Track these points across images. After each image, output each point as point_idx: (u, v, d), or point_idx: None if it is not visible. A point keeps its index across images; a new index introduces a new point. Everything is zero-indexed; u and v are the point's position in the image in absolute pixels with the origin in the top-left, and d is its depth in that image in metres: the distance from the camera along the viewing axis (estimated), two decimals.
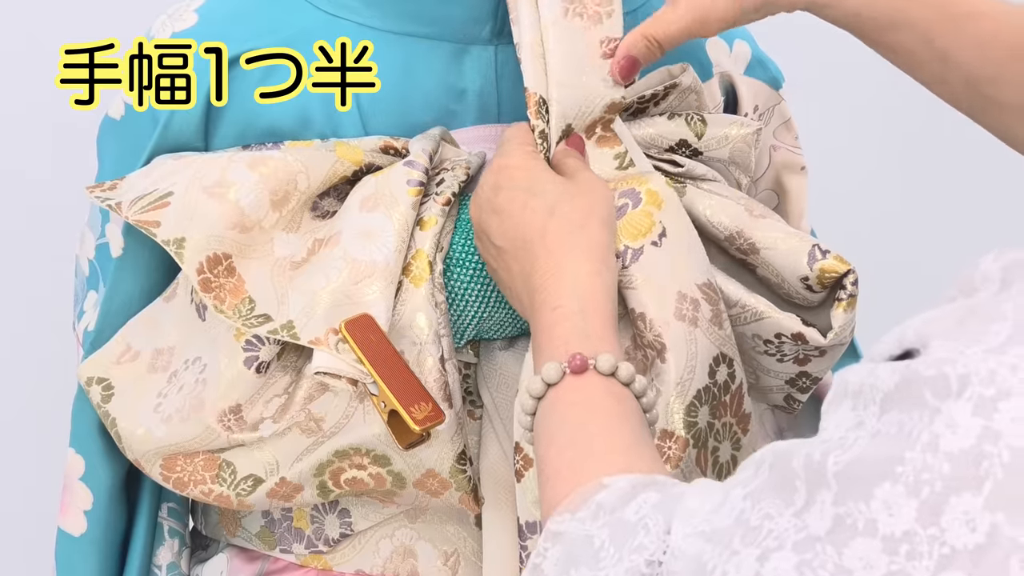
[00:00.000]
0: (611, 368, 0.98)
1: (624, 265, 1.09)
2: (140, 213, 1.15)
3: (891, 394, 0.72)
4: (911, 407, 0.71)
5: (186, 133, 1.18)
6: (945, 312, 0.73)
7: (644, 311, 1.08)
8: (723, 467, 1.11)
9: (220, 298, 1.13)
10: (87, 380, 1.22)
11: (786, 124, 1.31)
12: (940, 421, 0.69)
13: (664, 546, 0.80)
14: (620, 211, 1.11)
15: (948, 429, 0.69)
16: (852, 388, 0.74)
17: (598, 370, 0.98)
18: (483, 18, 1.18)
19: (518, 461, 1.09)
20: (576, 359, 0.98)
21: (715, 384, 1.09)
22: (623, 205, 1.11)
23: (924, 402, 0.70)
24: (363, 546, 1.23)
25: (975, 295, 0.74)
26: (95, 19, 1.93)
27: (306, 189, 1.15)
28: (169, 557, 1.28)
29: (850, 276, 1.14)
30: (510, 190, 1.09)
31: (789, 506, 0.73)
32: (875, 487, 0.70)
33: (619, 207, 1.11)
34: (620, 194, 1.12)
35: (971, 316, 0.72)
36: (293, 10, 1.19)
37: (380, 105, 1.18)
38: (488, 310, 1.16)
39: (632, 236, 1.10)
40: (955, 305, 0.74)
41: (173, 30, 1.19)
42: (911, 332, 0.74)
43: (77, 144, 1.45)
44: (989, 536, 0.67)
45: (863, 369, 0.74)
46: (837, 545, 0.71)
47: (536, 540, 1.04)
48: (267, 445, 1.16)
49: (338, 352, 1.10)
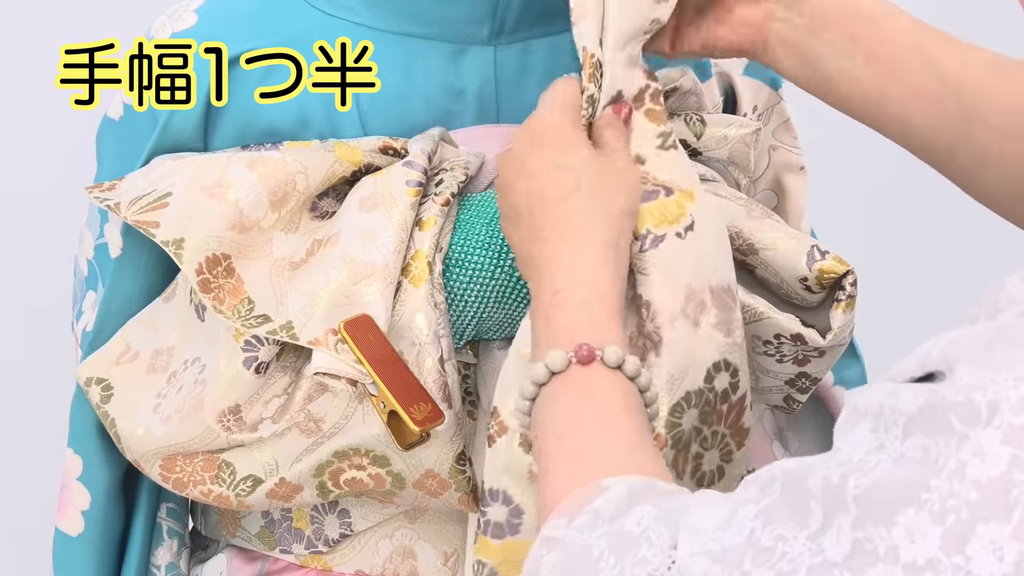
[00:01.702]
0: (618, 361, 0.96)
1: (642, 249, 1.06)
2: (139, 213, 1.15)
3: (915, 418, 0.71)
4: (937, 432, 0.69)
5: (185, 133, 1.18)
6: (970, 334, 0.72)
7: (650, 300, 1.06)
8: (705, 476, 1.09)
9: (219, 299, 1.13)
10: (86, 380, 1.22)
11: (785, 124, 1.31)
12: (968, 448, 0.68)
13: (669, 561, 0.78)
14: (651, 195, 1.08)
15: (976, 457, 0.68)
16: (872, 409, 0.73)
17: (604, 362, 0.96)
18: (482, 18, 1.18)
19: (492, 426, 1.06)
20: (583, 349, 0.96)
21: (711, 390, 1.07)
22: (655, 191, 1.08)
23: (951, 428, 0.69)
24: (363, 546, 1.23)
25: (999, 316, 0.73)
26: (95, 19, 1.93)
27: (305, 189, 1.15)
28: (168, 557, 1.28)
29: (849, 277, 1.14)
30: (540, 151, 1.06)
31: (804, 528, 0.72)
32: (898, 513, 0.69)
33: (651, 191, 1.08)
34: (655, 184, 1.09)
35: (999, 340, 0.71)
36: (293, 10, 1.19)
37: (379, 105, 1.18)
38: (487, 310, 1.16)
39: (657, 222, 1.07)
40: (981, 328, 0.72)
41: (173, 30, 1.19)
42: (936, 353, 0.72)
43: (76, 144, 1.45)
44: (1017, 565, 0.66)
45: (882, 390, 0.73)
46: (855, 571, 0.69)
47: (497, 507, 1.03)
48: (266, 445, 1.16)
49: (337, 353, 1.10)
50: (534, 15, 1.19)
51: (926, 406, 0.70)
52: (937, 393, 0.70)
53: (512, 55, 1.19)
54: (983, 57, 1.06)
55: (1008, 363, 0.69)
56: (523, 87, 1.20)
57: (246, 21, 1.19)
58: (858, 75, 1.08)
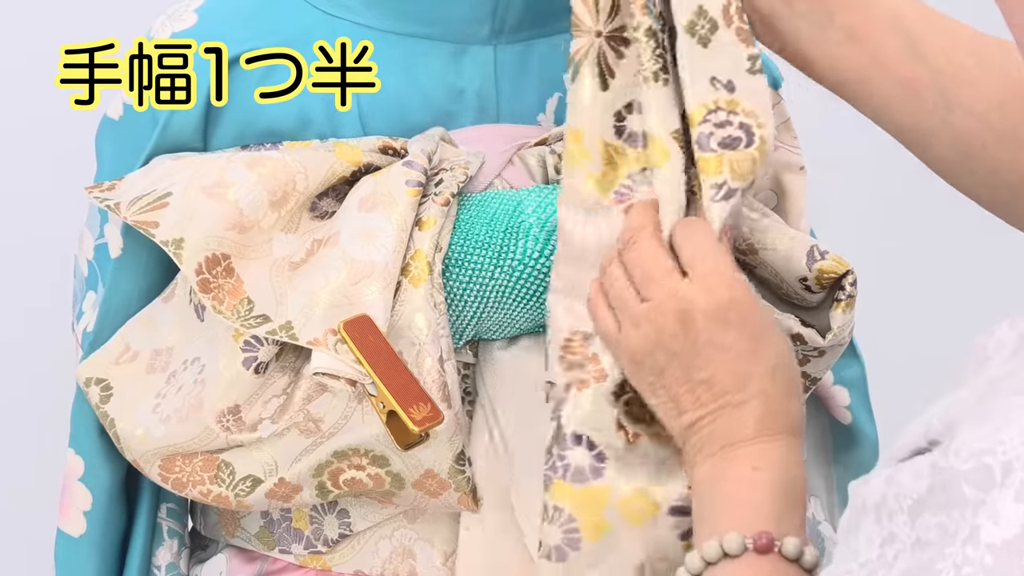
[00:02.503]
0: (797, 553, 0.91)
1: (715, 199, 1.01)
2: (139, 213, 1.15)
3: (923, 499, 0.68)
4: (951, 507, 0.67)
5: (185, 133, 1.18)
6: (963, 396, 0.70)
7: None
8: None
9: (219, 299, 1.13)
10: (86, 380, 1.22)
11: (785, 124, 1.31)
12: (983, 513, 0.66)
13: None
14: (734, 142, 1.02)
15: (989, 520, 0.66)
16: (872, 500, 0.71)
17: (783, 554, 0.90)
18: (482, 18, 1.18)
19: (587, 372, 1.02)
20: (763, 538, 0.90)
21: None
22: (737, 138, 1.02)
23: (964, 499, 0.67)
24: (362, 546, 1.23)
25: (987, 364, 0.71)
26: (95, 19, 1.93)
27: (305, 189, 1.15)
28: (168, 557, 1.28)
29: (849, 276, 1.13)
30: (737, 331, 0.96)
31: None
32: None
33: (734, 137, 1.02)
34: (744, 115, 1.02)
35: (991, 393, 0.69)
36: (293, 10, 1.19)
37: (379, 105, 1.18)
38: (487, 310, 1.16)
39: (737, 175, 1.02)
40: (971, 385, 0.71)
41: (173, 30, 1.19)
42: (936, 422, 0.70)
43: (76, 144, 1.45)
44: None
45: (877, 479, 0.71)
46: None
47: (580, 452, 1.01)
48: (266, 446, 1.16)
49: (337, 353, 1.10)
50: (534, 15, 1.19)
51: (935, 485, 0.68)
52: (941, 466, 0.68)
53: (512, 55, 1.19)
54: (966, 35, 1.02)
55: (1007, 415, 0.67)
56: (523, 87, 1.20)
57: (246, 21, 1.19)
58: (835, 52, 1.03)
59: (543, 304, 1.16)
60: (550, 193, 1.16)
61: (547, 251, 1.15)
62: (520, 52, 1.19)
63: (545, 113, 1.21)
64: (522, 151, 1.19)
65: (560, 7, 1.18)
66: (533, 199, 1.16)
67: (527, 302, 1.16)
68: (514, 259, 1.15)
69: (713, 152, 1.02)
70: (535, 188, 1.17)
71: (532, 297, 1.16)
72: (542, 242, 1.15)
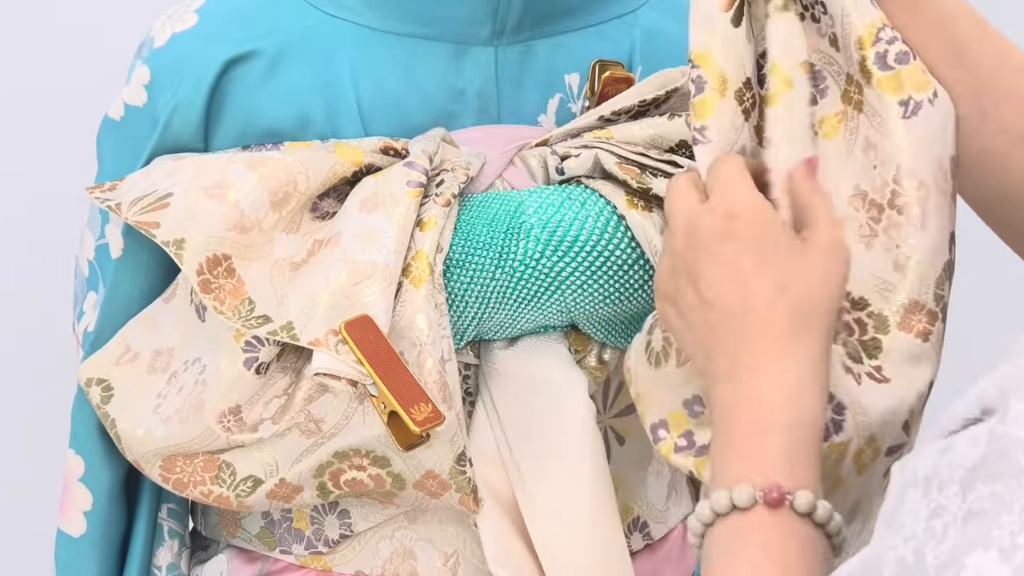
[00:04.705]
0: (809, 508, 0.88)
1: (905, 115, 1.00)
2: (140, 214, 1.15)
3: (977, 468, 0.67)
4: (1007, 476, 0.66)
5: (186, 134, 1.18)
6: (1018, 364, 0.69)
7: (913, 170, 0.99)
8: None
9: (220, 299, 1.13)
10: (87, 381, 1.22)
11: None
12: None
13: None
14: (905, 56, 1.00)
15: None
16: (921, 474, 0.70)
17: (794, 508, 0.88)
18: (483, 19, 1.18)
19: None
20: (774, 491, 0.88)
21: (951, 264, 1.03)
22: (906, 52, 1.00)
23: (1020, 468, 0.66)
24: (363, 547, 1.23)
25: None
26: (95, 19, 1.93)
27: (306, 190, 1.15)
28: (169, 558, 1.28)
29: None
30: (738, 244, 0.94)
31: None
32: (967, 556, 0.66)
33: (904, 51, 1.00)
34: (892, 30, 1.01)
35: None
36: (293, 11, 1.19)
37: (380, 106, 1.18)
38: (488, 311, 1.16)
39: (916, 87, 1.00)
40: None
41: (173, 31, 1.19)
42: (992, 390, 0.69)
43: (77, 144, 1.45)
44: None
45: (930, 450, 0.70)
46: None
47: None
48: (267, 446, 1.16)
49: (338, 353, 1.10)
50: (535, 16, 1.19)
51: (990, 453, 0.67)
52: (998, 433, 0.67)
53: (513, 56, 1.19)
54: (1017, 58, 1.01)
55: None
56: (524, 88, 1.20)
57: (247, 21, 1.19)
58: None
59: (544, 304, 1.16)
60: (551, 194, 1.16)
61: (548, 252, 1.15)
62: (521, 53, 1.19)
63: (546, 114, 1.21)
64: (523, 152, 1.19)
65: (561, 8, 1.19)
66: (534, 200, 1.16)
67: (528, 303, 1.16)
68: (515, 260, 1.15)
69: (891, 69, 1.01)
70: (536, 189, 1.17)
71: (533, 298, 1.16)
72: (543, 243, 1.15)
